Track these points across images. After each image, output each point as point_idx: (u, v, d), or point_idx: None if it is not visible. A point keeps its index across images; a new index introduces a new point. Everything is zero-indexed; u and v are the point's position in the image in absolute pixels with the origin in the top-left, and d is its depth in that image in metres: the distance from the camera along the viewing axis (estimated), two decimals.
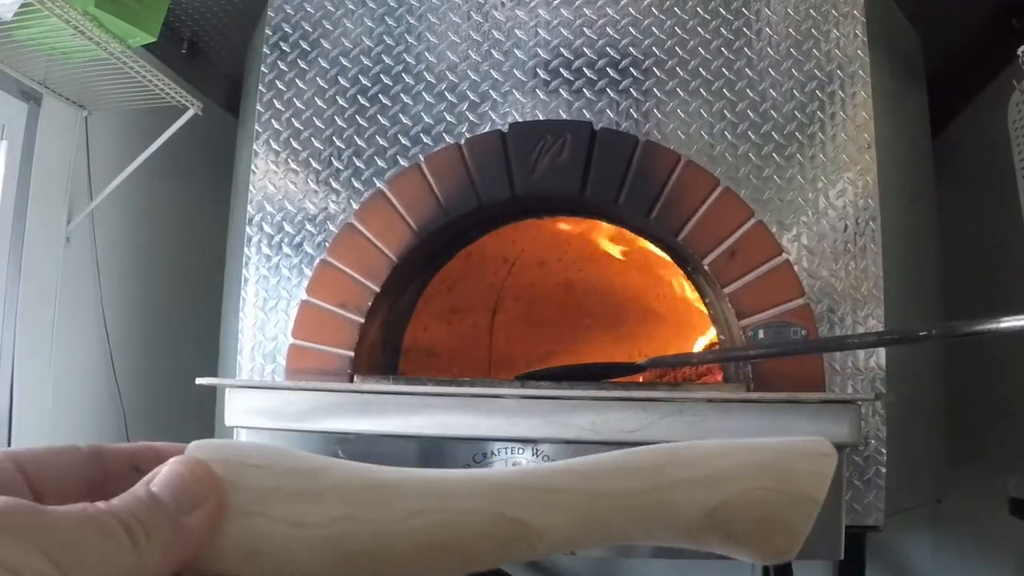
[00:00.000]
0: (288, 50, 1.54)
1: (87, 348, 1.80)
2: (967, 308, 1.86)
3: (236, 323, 1.49)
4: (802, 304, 1.35)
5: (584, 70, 1.48)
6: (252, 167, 1.51)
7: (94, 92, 1.65)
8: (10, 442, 1.54)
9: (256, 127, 1.52)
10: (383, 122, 1.50)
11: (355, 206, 1.47)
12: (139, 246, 1.99)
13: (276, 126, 1.52)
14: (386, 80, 1.51)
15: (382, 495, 0.28)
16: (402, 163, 1.48)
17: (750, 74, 1.45)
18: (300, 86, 1.53)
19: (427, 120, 1.49)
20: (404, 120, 1.50)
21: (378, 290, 1.43)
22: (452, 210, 1.44)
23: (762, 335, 1.34)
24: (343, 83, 1.52)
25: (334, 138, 1.50)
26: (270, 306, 1.47)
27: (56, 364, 1.68)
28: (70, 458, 0.28)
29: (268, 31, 1.55)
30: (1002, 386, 1.77)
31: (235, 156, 1.79)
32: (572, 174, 1.42)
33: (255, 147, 1.52)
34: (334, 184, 1.49)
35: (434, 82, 1.50)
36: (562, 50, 1.49)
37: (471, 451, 1.09)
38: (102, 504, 0.24)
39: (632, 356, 1.79)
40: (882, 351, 1.34)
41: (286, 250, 1.48)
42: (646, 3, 1.49)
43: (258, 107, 1.53)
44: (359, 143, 1.50)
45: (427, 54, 1.52)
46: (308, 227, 1.48)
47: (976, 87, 1.89)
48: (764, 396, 1.07)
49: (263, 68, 1.54)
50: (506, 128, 1.46)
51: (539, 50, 1.50)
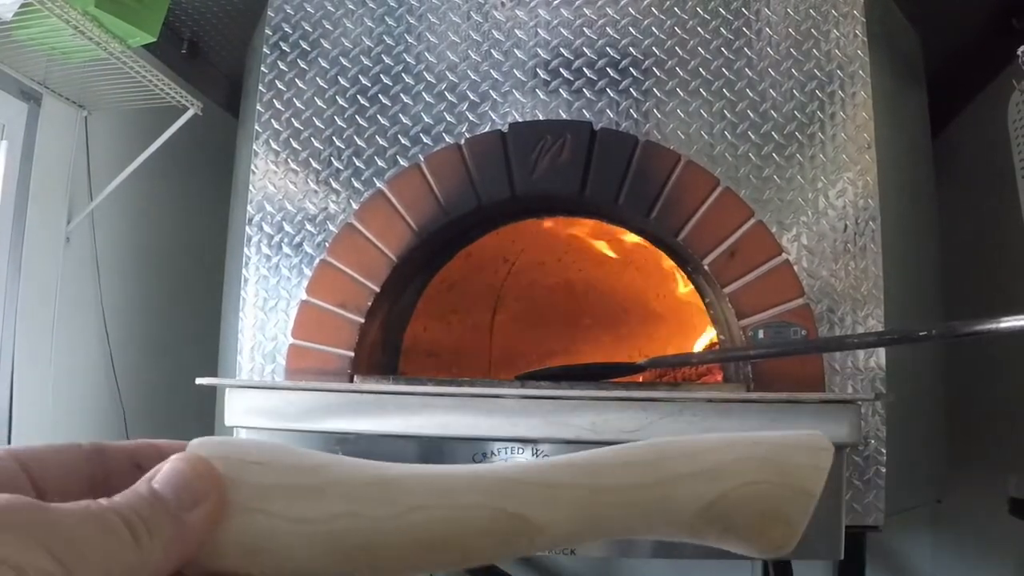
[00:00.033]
0: (288, 50, 1.54)
1: (87, 348, 1.80)
2: (967, 308, 1.86)
3: (236, 323, 1.49)
4: (802, 304, 1.36)
5: (584, 70, 1.48)
6: (252, 167, 1.51)
7: (94, 92, 1.65)
8: (10, 442, 1.54)
9: (256, 127, 1.52)
10: (383, 122, 1.50)
11: (355, 206, 1.47)
12: (139, 246, 1.99)
13: (276, 126, 1.52)
14: (386, 80, 1.51)
15: (383, 491, 0.28)
16: (402, 163, 1.48)
17: (750, 74, 1.45)
18: (300, 86, 1.53)
19: (427, 120, 1.49)
20: (404, 120, 1.50)
21: (378, 290, 1.43)
22: (452, 210, 1.44)
23: (762, 335, 1.34)
24: (343, 83, 1.52)
25: (334, 138, 1.50)
26: (270, 306, 1.47)
27: (56, 364, 1.68)
28: (72, 456, 0.28)
29: (268, 31, 1.55)
30: (1002, 386, 1.77)
31: (235, 156, 1.79)
32: (572, 174, 1.42)
33: (255, 147, 1.52)
34: (334, 184, 1.49)
35: (434, 82, 1.50)
36: (562, 50, 1.49)
37: (471, 451, 1.09)
38: (104, 501, 0.24)
39: (632, 356, 1.79)
40: (882, 351, 1.34)
41: (286, 250, 1.48)
42: (646, 3, 1.49)
43: (258, 107, 1.53)
44: (359, 143, 1.50)
45: (427, 54, 1.52)
46: (308, 227, 1.48)
47: (976, 87, 1.89)
48: (764, 396, 1.07)
49: (263, 68, 1.54)
50: (506, 128, 1.46)
51: (539, 50, 1.50)
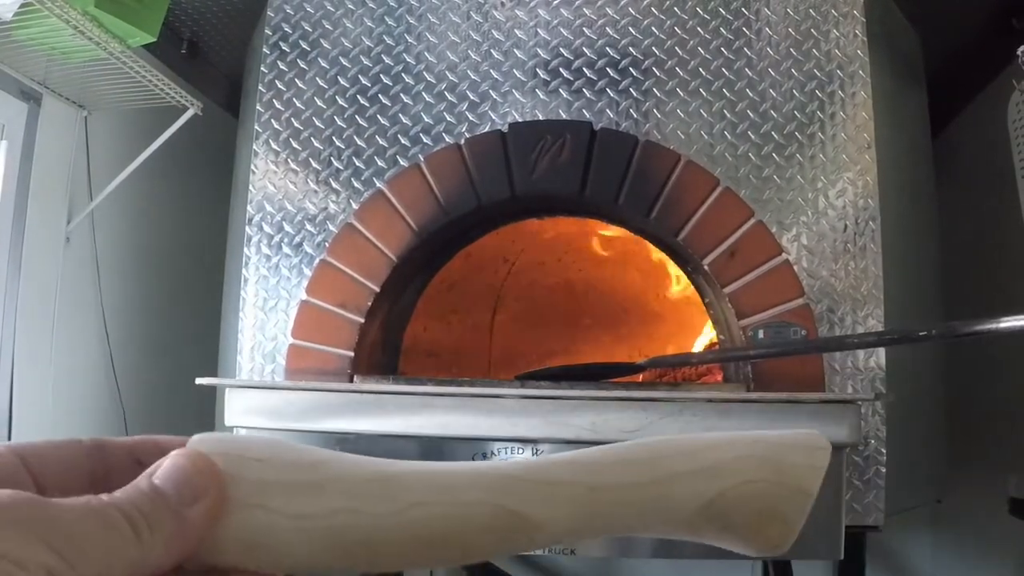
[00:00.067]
0: (288, 50, 1.54)
1: (87, 348, 1.80)
2: (967, 308, 1.86)
3: (236, 323, 1.49)
4: (802, 304, 1.35)
5: (584, 70, 1.48)
6: (252, 167, 1.51)
7: (94, 92, 1.65)
8: (10, 441, 1.54)
9: (256, 127, 1.52)
10: (383, 122, 1.50)
11: (355, 206, 1.47)
12: (139, 246, 1.99)
13: (276, 126, 1.52)
14: (386, 80, 1.51)
15: (382, 487, 0.28)
16: (402, 163, 1.48)
17: (750, 74, 1.45)
18: (300, 86, 1.53)
19: (427, 120, 1.49)
20: (404, 120, 1.50)
21: (378, 290, 1.43)
22: (452, 210, 1.44)
23: (762, 335, 1.34)
24: (343, 83, 1.52)
25: (334, 138, 1.50)
26: (270, 306, 1.47)
27: (56, 364, 1.68)
28: (72, 451, 0.28)
29: (268, 31, 1.55)
30: (1002, 386, 1.77)
31: (235, 156, 1.79)
32: (572, 174, 1.42)
33: (255, 147, 1.52)
34: (334, 184, 1.49)
35: (434, 82, 1.50)
36: (562, 50, 1.49)
37: (471, 451, 1.09)
38: (105, 497, 0.24)
39: (632, 356, 1.79)
40: (882, 351, 1.34)
41: (286, 250, 1.48)
42: (646, 3, 1.49)
43: (258, 107, 1.53)
44: (359, 143, 1.50)
45: (427, 54, 1.52)
46: (308, 227, 1.48)
47: (976, 87, 1.89)
48: (764, 396, 1.08)
49: (263, 68, 1.54)
50: (506, 128, 1.46)
51: (539, 50, 1.50)
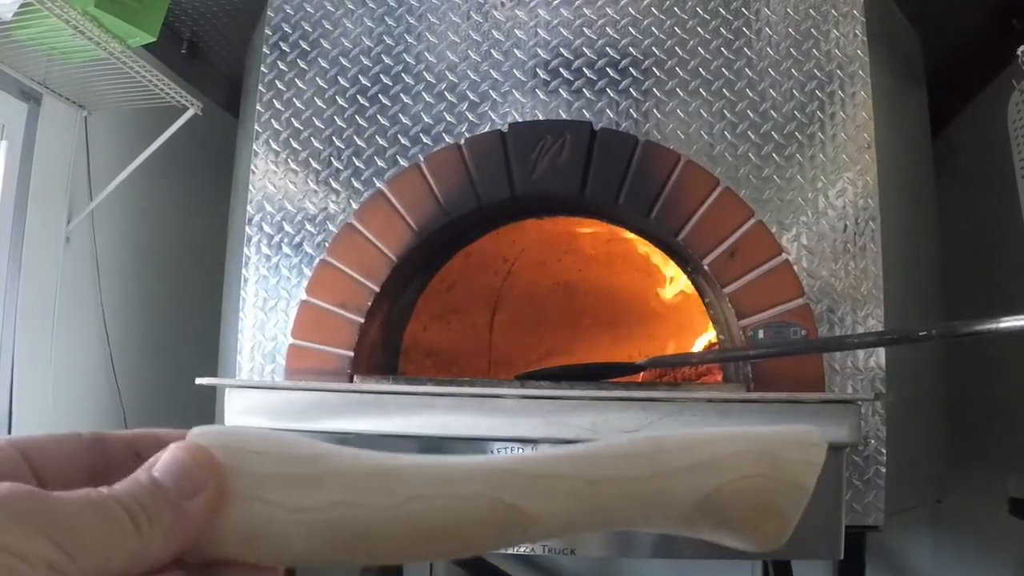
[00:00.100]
0: (288, 50, 1.54)
1: (87, 348, 1.80)
2: (967, 308, 1.86)
3: (236, 323, 1.49)
4: (802, 304, 1.35)
5: (584, 70, 1.48)
6: (252, 167, 1.51)
7: (94, 92, 1.65)
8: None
9: (256, 127, 1.52)
10: (383, 122, 1.50)
11: (355, 206, 1.47)
12: (139, 246, 1.99)
13: (276, 126, 1.52)
14: (386, 80, 1.51)
15: (382, 481, 0.28)
16: (402, 163, 1.48)
17: (750, 74, 1.45)
18: (300, 86, 1.53)
19: (427, 120, 1.49)
20: (404, 120, 1.50)
21: (378, 290, 1.43)
22: (452, 210, 1.44)
23: (762, 335, 1.34)
24: (343, 83, 1.52)
25: (334, 138, 1.50)
26: (270, 306, 1.47)
27: (56, 364, 1.68)
28: (72, 445, 0.28)
29: (268, 31, 1.55)
30: (1002, 386, 1.77)
31: (235, 156, 1.79)
32: (572, 174, 1.42)
33: (255, 147, 1.52)
34: (334, 184, 1.49)
35: (434, 82, 1.50)
36: (562, 50, 1.49)
37: (471, 451, 1.09)
38: (105, 489, 0.24)
39: (632, 356, 1.79)
40: (882, 351, 1.34)
41: (286, 250, 1.48)
42: (646, 3, 1.49)
43: (258, 107, 1.53)
44: (359, 143, 1.50)
45: (427, 54, 1.52)
46: (308, 227, 1.48)
47: (976, 87, 1.89)
48: (764, 396, 1.08)
49: (263, 68, 1.54)
50: (506, 128, 1.46)
51: (539, 50, 1.50)
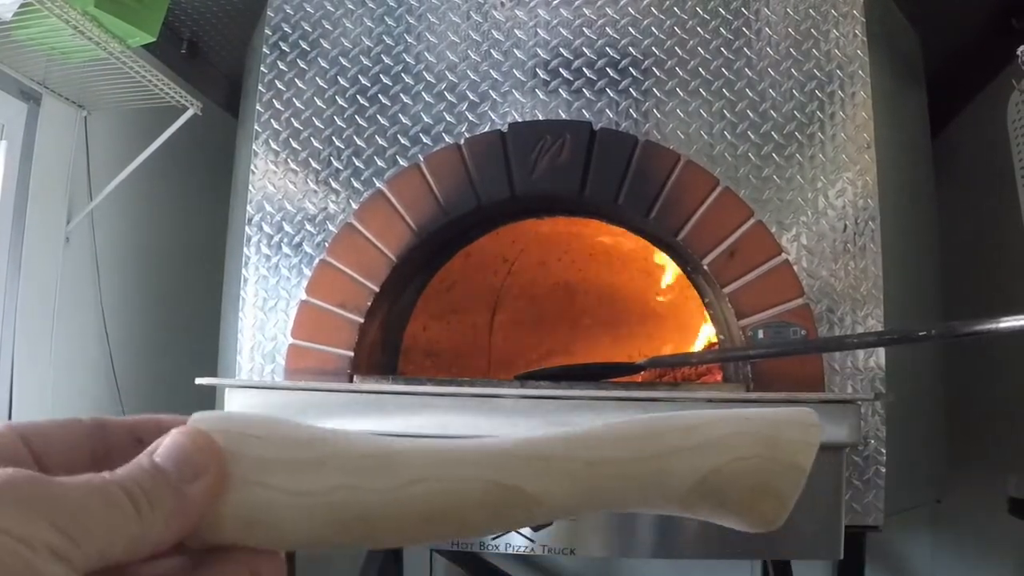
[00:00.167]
0: (288, 50, 1.54)
1: (87, 348, 1.80)
2: (967, 308, 1.86)
3: (235, 323, 1.49)
4: (801, 304, 1.36)
5: (584, 70, 1.48)
6: (252, 167, 1.51)
7: (94, 92, 1.65)
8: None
9: (256, 127, 1.52)
10: (383, 122, 1.50)
11: (355, 206, 1.47)
12: (139, 246, 1.99)
13: (276, 126, 1.52)
14: (386, 80, 1.51)
15: (382, 464, 0.28)
16: (402, 163, 1.48)
17: (750, 74, 1.45)
18: (299, 86, 1.53)
19: (427, 120, 1.49)
20: (404, 120, 1.50)
21: (378, 290, 1.43)
22: (452, 210, 1.44)
23: (762, 335, 1.34)
24: (343, 83, 1.52)
25: (334, 138, 1.50)
26: (269, 306, 1.47)
27: (56, 364, 1.68)
28: (73, 430, 0.28)
29: (268, 31, 1.55)
30: (1002, 386, 1.77)
31: (235, 156, 1.79)
32: (572, 174, 1.42)
33: (255, 147, 1.52)
34: (334, 184, 1.49)
35: (434, 82, 1.50)
36: (561, 50, 1.49)
37: None
38: (107, 474, 0.24)
39: (632, 356, 1.79)
40: (882, 351, 1.34)
41: (285, 250, 1.48)
42: (646, 3, 1.49)
43: (258, 107, 1.53)
44: (359, 143, 1.50)
45: (427, 54, 1.52)
46: (308, 227, 1.48)
47: (976, 87, 1.89)
48: (764, 396, 1.08)
49: (263, 68, 1.54)
50: (506, 128, 1.46)
51: (538, 50, 1.50)
